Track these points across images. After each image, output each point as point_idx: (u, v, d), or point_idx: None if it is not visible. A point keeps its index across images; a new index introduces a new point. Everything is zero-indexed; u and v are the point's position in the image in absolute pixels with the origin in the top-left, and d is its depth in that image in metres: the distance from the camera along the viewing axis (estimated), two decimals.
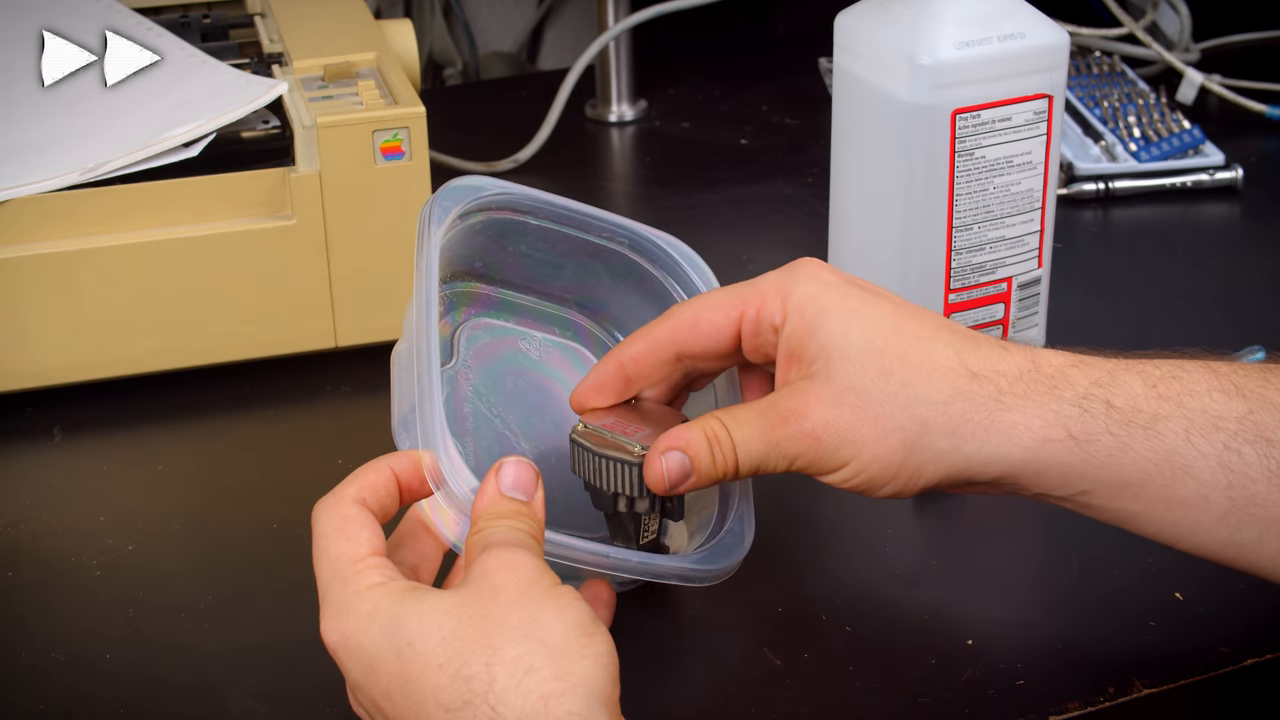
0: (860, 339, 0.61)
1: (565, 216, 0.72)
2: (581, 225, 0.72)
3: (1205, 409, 0.59)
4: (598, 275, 0.74)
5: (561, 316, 0.76)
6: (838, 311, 0.62)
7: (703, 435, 0.62)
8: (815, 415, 0.61)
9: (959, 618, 0.68)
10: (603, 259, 0.73)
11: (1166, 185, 1.06)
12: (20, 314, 0.82)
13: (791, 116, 1.21)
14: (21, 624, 0.70)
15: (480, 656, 0.52)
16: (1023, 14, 0.78)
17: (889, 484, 0.61)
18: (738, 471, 0.62)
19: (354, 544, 0.58)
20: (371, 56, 0.91)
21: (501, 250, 0.72)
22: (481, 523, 0.58)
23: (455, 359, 0.73)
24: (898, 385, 0.60)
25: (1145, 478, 0.59)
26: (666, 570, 0.63)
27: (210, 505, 0.78)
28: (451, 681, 0.52)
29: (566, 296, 0.75)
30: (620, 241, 0.73)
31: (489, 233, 0.71)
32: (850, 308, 0.62)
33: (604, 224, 0.72)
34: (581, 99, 1.22)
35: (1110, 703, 0.63)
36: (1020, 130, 0.79)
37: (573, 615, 0.54)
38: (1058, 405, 0.60)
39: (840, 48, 0.82)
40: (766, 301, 0.64)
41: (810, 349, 0.62)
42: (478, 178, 0.70)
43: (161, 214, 0.82)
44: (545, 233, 0.72)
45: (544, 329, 0.75)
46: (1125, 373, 0.61)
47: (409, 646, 0.53)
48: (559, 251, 0.73)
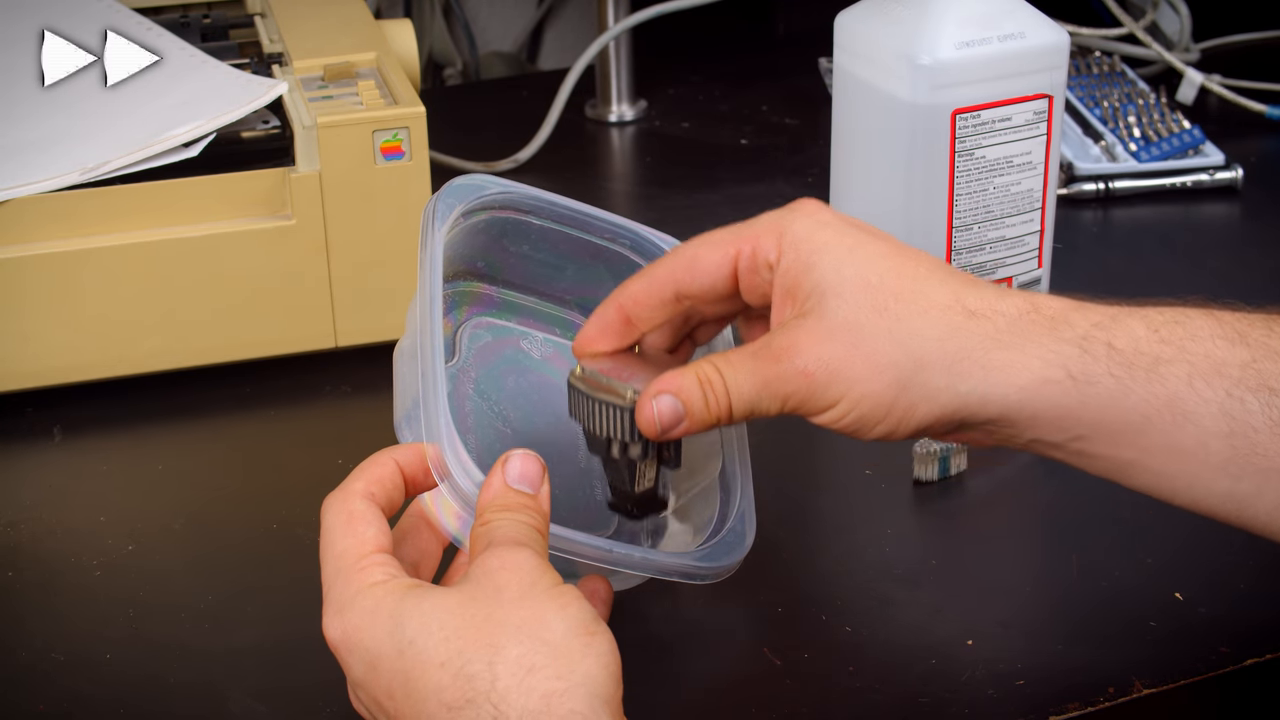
0: (855, 275, 0.60)
1: (568, 217, 0.72)
2: (584, 226, 0.72)
3: (1208, 354, 0.58)
4: (600, 277, 0.74)
5: (563, 318, 0.75)
6: (833, 248, 0.61)
7: (695, 379, 0.61)
8: (808, 351, 0.59)
9: (959, 618, 0.68)
10: (605, 260, 0.73)
11: (1166, 185, 1.06)
12: (20, 314, 0.82)
13: (791, 116, 1.21)
14: (21, 624, 0.70)
15: (483, 655, 0.52)
16: (1023, 14, 0.78)
17: (880, 423, 0.60)
18: (731, 414, 0.61)
19: (359, 540, 0.58)
20: (371, 56, 0.91)
21: (504, 250, 0.72)
22: (487, 515, 0.58)
23: (457, 357, 0.73)
24: (892, 321, 0.59)
25: (1145, 422, 0.58)
26: (668, 567, 0.63)
27: (210, 505, 0.78)
28: (454, 680, 0.52)
29: (568, 298, 0.75)
30: (622, 243, 0.73)
31: (491, 232, 0.71)
32: (846, 245, 0.61)
33: (606, 225, 0.72)
34: (581, 99, 1.22)
35: (1110, 703, 0.63)
36: (1020, 130, 0.79)
37: (575, 614, 0.54)
38: (1057, 345, 0.59)
39: (840, 48, 0.82)
40: (762, 239, 0.62)
41: (804, 286, 0.61)
42: (481, 176, 0.70)
43: (161, 214, 0.82)
44: (547, 233, 0.72)
45: (546, 329, 0.75)
46: (1127, 316, 0.60)
47: (411, 645, 0.53)
48: (561, 252, 0.73)
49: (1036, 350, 0.59)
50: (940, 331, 0.59)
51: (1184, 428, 0.58)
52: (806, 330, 0.60)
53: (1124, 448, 0.59)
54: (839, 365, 0.59)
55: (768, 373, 0.60)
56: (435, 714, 0.52)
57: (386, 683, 0.54)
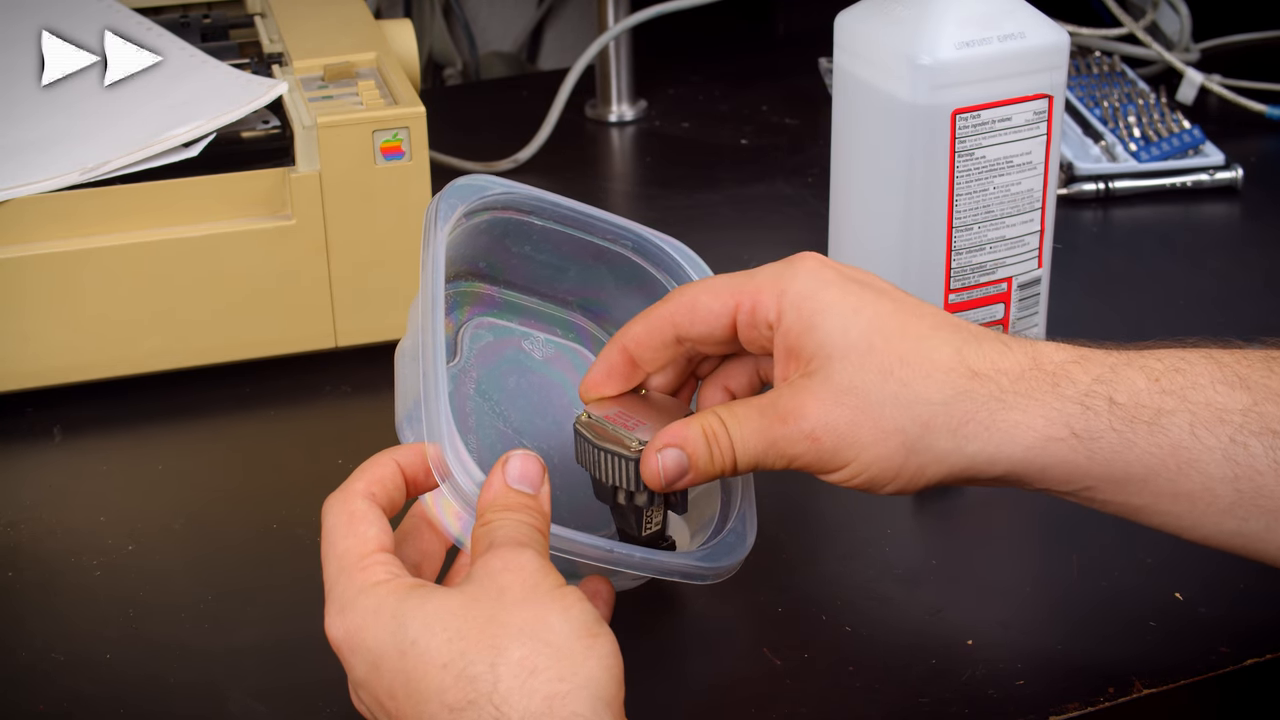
0: (860, 339, 0.60)
1: (569, 218, 0.72)
2: (586, 227, 0.72)
3: (1209, 402, 0.59)
4: (601, 278, 0.74)
5: (564, 319, 0.75)
6: (837, 309, 0.61)
7: (700, 432, 0.62)
8: (814, 416, 0.60)
9: (959, 618, 0.68)
10: (606, 261, 0.73)
11: (1166, 185, 1.06)
12: (21, 314, 0.82)
13: (791, 116, 1.21)
14: (21, 624, 0.70)
15: (485, 657, 0.52)
16: (1023, 14, 0.78)
17: (891, 483, 0.61)
18: (735, 468, 0.62)
19: (361, 540, 0.58)
20: (371, 56, 0.91)
21: (505, 251, 0.72)
22: (488, 515, 0.58)
23: (459, 357, 0.73)
24: (898, 386, 0.60)
25: (1150, 473, 0.59)
26: (669, 567, 0.63)
27: (210, 505, 0.78)
28: (456, 681, 0.52)
29: (569, 299, 0.75)
30: (624, 244, 0.73)
31: (493, 232, 0.71)
32: (850, 305, 0.61)
33: (608, 226, 0.72)
34: (581, 99, 1.22)
35: (1110, 703, 0.63)
36: (1020, 130, 0.79)
37: (577, 616, 0.54)
38: (1060, 404, 0.59)
39: (840, 48, 0.82)
40: (761, 296, 0.63)
41: (808, 347, 0.61)
42: (483, 177, 0.70)
43: (161, 214, 0.82)
44: (549, 234, 0.72)
45: (547, 330, 0.75)
46: (1127, 368, 0.60)
47: (413, 646, 0.53)
48: (563, 253, 0.73)
49: (1040, 410, 0.59)
50: (945, 395, 0.60)
51: (1189, 475, 0.59)
52: (812, 394, 0.60)
53: (1131, 495, 0.60)
54: (846, 430, 0.60)
55: (774, 433, 0.61)
56: (437, 715, 0.52)
57: (389, 683, 0.54)
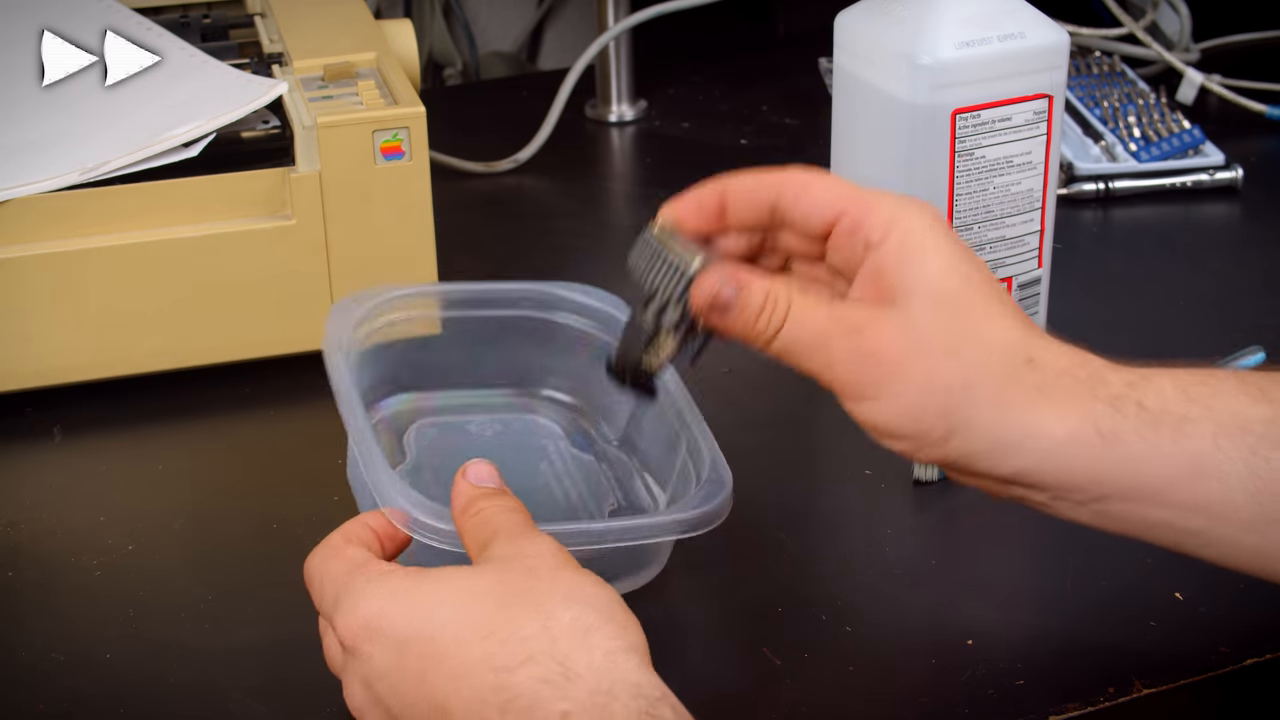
0: (953, 290, 0.60)
1: (462, 300, 0.74)
2: (482, 303, 0.75)
3: (1233, 411, 0.58)
4: (518, 347, 0.77)
5: (502, 400, 0.78)
6: (943, 255, 0.60)
7: (764, 288, 0.61)
8: (879, 339, 0.59)
9: (959, 618, 0.68)
10: (515, 329, 0.76)
11: (1166, 185, 1.06)
12: (21, 314, 0.82)
13: (791, 116, 1.21)
14: (21, 624, 0.70)
15: (535, 619, 0.52)
16: (1023, 14, 0.78)
17: (910, 439, 0.60)
18: (771, 342, 0.61)
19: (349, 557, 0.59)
20: (371, 56, 0.91)
21: (417, 356, 0.75)
22: (472, 505, 0.59)
23: (408, 457, 0.75)
24: (965, 346, 0.59)
25: (1169, 482, 0.58)
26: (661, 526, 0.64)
27: (210, 505, 0.78)
28: (503, 645, 0.52)
29: (497, 380, 0.78)
30: (526, 305, 0.75)
31: (396, 345, 0.74)
32: (955, 257, 0.60)
33: (501, 295, 0.75)
34: (581, 99, 1.22)
35: (1110, 703, 0.63)
36: (1020, 130, 0.79)
37: (610, 590, 0.55)
38: (1092, 403, 0.59)
39: (840, 48, 0.82)
40: (872, 215, 0.61)
41: (897, 277, 0.60)
42: (367, 292, 0.72)
43: (161, 214, 0.82)
44: (450, 323, 0.74)
45: (487, 413, 0.78)
46: (1158, 376, 0.60)
47: (444, 628, 0.53)
48: (472, 338, 0.75)
49: (1073, 407, 0.59)
50: (1001, 372, 0.59)
51: (1209, 485, 0.58)
52: (886, 320, 0.59)
53: (1149, 507, 0.59)
54: (901, 367, 0.59)
55: (835, 336, 0.60)
56: (482, 681, 0.52)
57: (419, 668, 0.53)
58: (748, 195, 0.64)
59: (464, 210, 1.07)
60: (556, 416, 0.78)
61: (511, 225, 1.06)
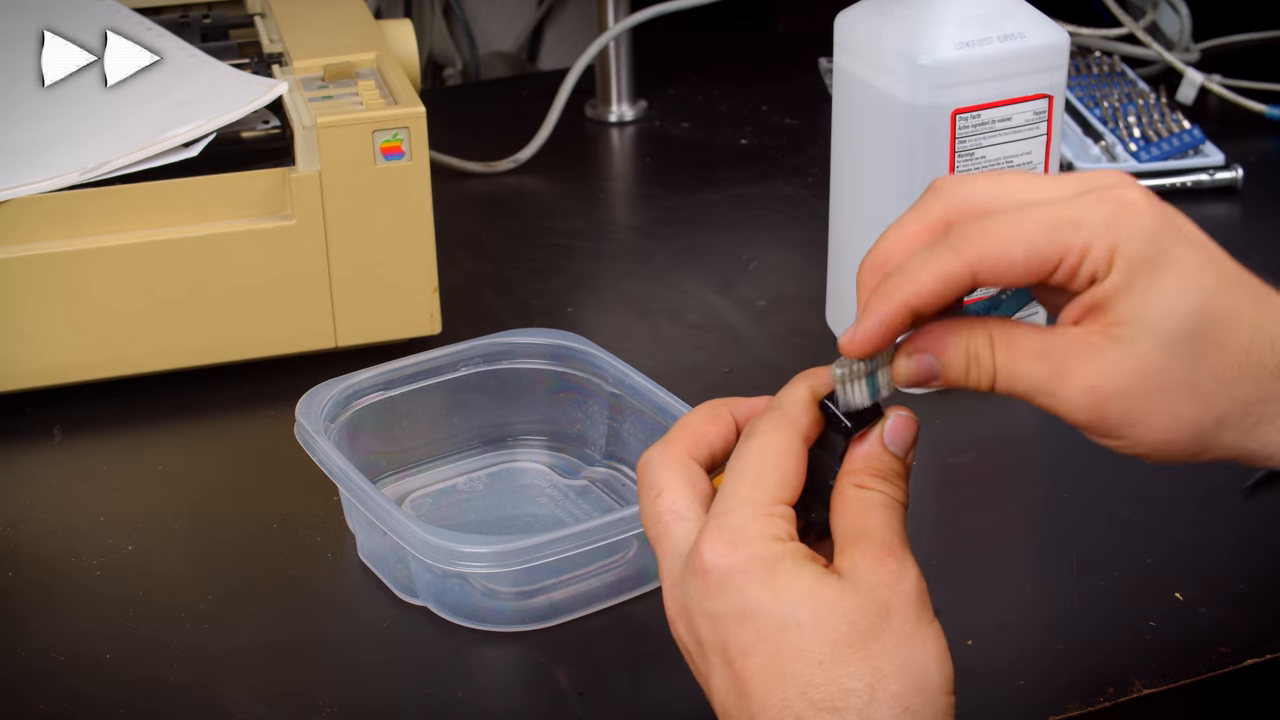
0: (1185, 319, 0.55)
1: (409, 375, 0.75)
2: (430, 373, 0.76)
3: None
4: (478, 405, 0.78)
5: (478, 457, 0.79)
6: (1170, 280, 0.55)
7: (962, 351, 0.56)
8: (1108, 386, 0.54)
9: (959, 618, 0.68)
10: (471, 387, 0.77)
11: (1166, 185, 1.06)
12: (21, 314, 0.82)
13: (791, 116, 1.21)
14: (22, 624, 0.70)
15: (865, 675, 0.52)
16: (1023, 14, 0.78)
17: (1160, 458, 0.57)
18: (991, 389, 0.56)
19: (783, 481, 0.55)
20: (371, 56, 0.91)
21: (387, 436, 0.76)
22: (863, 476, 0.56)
23: None
24: (1206, 377, 0.55)
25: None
26: None
27: (210, 505, 0.78)
28: (827, 683, 0.51)
29: (472, 442, 0.79)
30: (472, 363, 0.77)
31: (364, 426, 0.75)
32: (1184, 277, 0.55)
33: (446, 359, 0.76)
34: (581, 99, 1.22)
35: (1110, 703, 0.63)
36: (1020, 130, 0.79)
37: (947, 670, 0.53)
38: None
39: (840, 48, 0.82)
40: (1093, 251, 0.55)
41: (1126, 308, 0.54)
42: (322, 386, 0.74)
43: (161, 214, 0.82)
44: (408, 398, 0.76)
45: (469, 472, 0.78)
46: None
47: (799, 628, 0.52)
48: (432, 407, 0.77)
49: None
50: (1249, 394, 0.56)
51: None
52: (1112, 360, 0.54)
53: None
54: (1137, 409, 0.55)
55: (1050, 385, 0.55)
56: (792, 699, 0.51)
57: (752, 641, 0.53)
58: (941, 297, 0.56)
59: (464, 210, 1.07)
60: (535, 456, 0.80)
61: (511, 225, 1.06)
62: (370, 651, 0.66)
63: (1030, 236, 0.54)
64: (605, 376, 0.76)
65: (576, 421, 0.78)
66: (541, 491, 0.78)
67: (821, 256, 0.89)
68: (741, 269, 0.98)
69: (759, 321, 0.92)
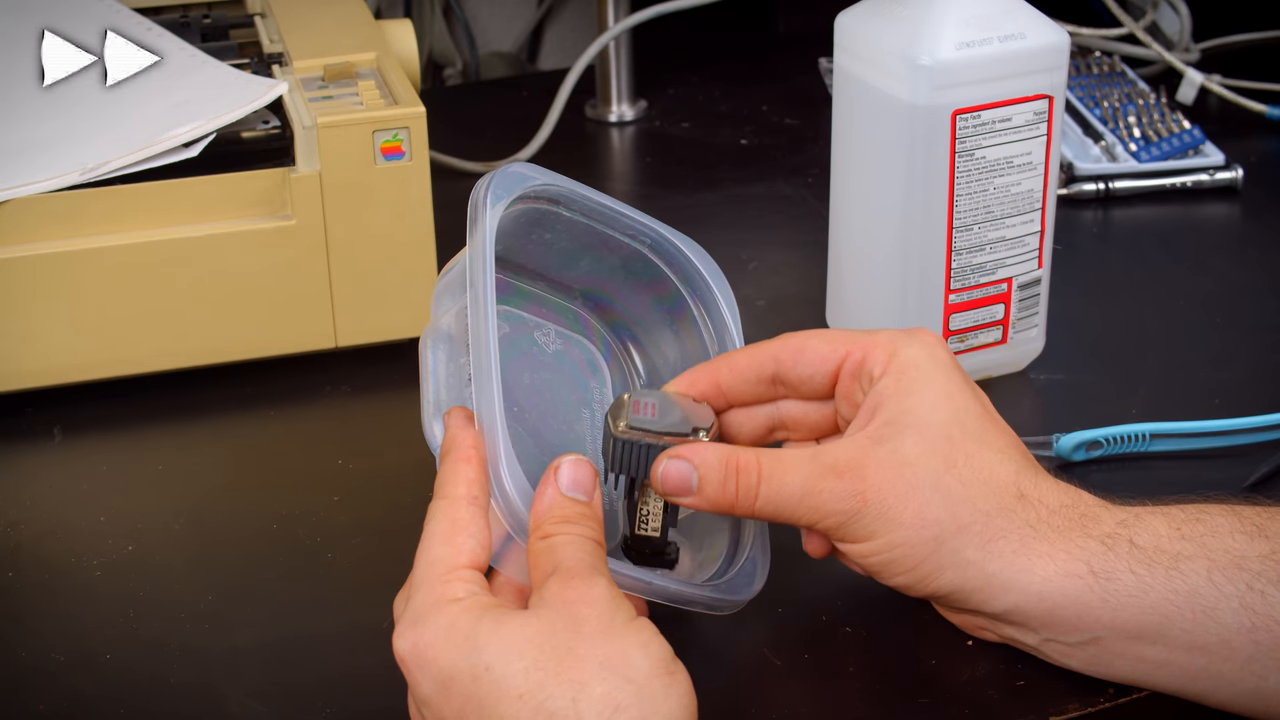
0: (942, 423, 0.60)
1: (595, 211, 0.71)
2: (609, 221, 0.72)
3: (1228, 549, 0.58)
4: (611, 270, 0.74)
5: (569, 308, 0.75)
6: (934, 386, 0.61)
7: (722, 459, 0.60)
8: (872, 478, 0.59)
9: None
10: (621, 255, 0.73)
11: (1166, 185, 1.06)
12: (21, 314, 0.82)
13: (791, 116, 1.21)
14: (22, 624, 0.70)
15: (566, 691, 0.52)
16: (1023, 14, 0.78)
17: (904, 574, 0.60)
18: (754, 509, 0.61)
19: (455, 550, 0.58)
20: (371, 56, 0.91)
21: (525, 237, 0.72)
22: (546, 527, 0.58)
23: None
24: (955, 481, 0.59)
25: (1165, 621, 0.58)
26: (695, 598, 0.64)
27: (210, 505, 0.78)
28: (534, 714, 0.52)
29: (574, 287, 0.75)
30: (643, 241, 0.73)
31: (519, 219, 0.71)
32: (947, 389, 0.61)
33: (631, 222, 0.72)
34: (581, 99, 1.22)
35: (1110, 703, 0.63)
36: (1020, 131, 0.79)
37: (655, 652, 0.54)
38: (1084, 540, 0.59)
39: (840, 48, 0.82)
40: (875, 351, 0.63)
41: (892, 411, 0.61)
42: (527, 166, 0.69)
43: (161, 214, 0.82)
44: (573, 224, 0.71)
45: (557, 321, 0.75)
46: (1151, 515, 0.60)
47: (488, 671, 0.53)
48: (580, 244, 0.73)
49: (1065, 545, 0.59)
50: (990, 507, 0.59)
51: (1205, 625, 0.58)
52: (875, 458, 0.60)
53: (1144, 647, 0.59)
54: (893, 505, 0.59)
55: (821, 483, 0.60)
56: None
57: (459, 706, 0.54)
58: (744, 371, 0.65)
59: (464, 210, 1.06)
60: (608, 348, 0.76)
61: None
62: (370, 651, 0.66)
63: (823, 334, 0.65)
64: None
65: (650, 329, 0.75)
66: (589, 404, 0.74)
67: (821, 256, 0.89)
68: (741, 269, 0.98)
69: (759, 321, 0.92)
